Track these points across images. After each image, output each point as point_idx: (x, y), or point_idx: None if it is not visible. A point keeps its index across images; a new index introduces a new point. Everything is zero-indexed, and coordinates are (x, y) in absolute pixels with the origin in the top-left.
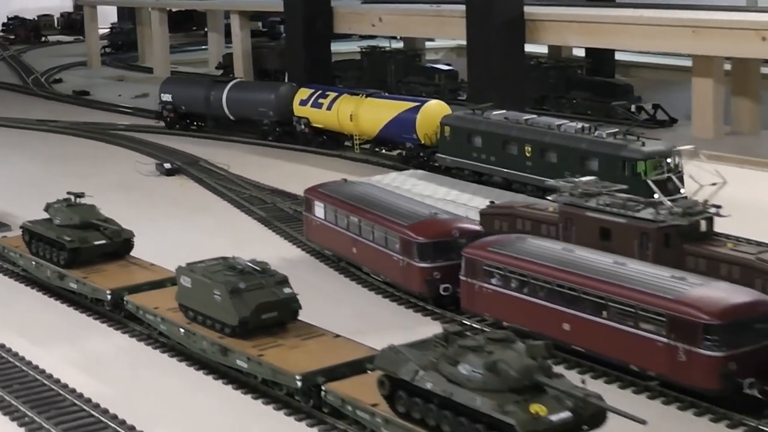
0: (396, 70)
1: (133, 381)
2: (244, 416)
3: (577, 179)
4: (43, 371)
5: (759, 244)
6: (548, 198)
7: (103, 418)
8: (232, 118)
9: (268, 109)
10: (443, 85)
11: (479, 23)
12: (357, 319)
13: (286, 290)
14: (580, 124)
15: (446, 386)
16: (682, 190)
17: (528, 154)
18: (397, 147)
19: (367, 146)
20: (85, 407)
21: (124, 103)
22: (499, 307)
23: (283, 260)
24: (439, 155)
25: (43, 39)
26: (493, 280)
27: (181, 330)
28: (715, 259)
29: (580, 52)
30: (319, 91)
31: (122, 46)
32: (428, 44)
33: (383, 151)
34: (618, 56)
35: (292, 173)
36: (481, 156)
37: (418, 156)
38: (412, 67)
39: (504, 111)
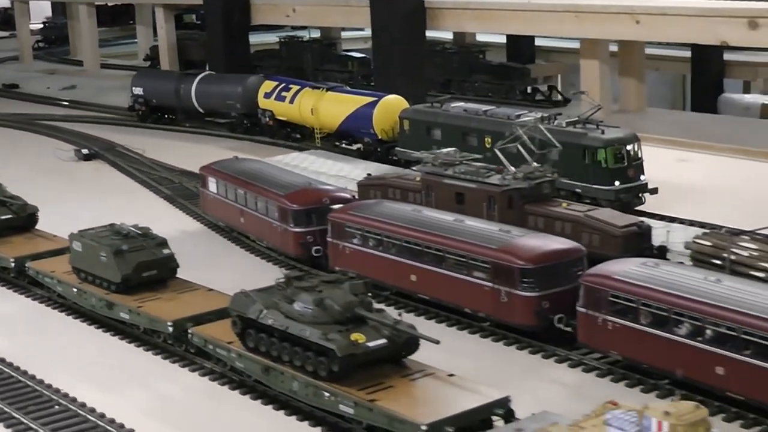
0: (312, 59)
1: (33, 337)
2: (127, 361)
3: (438, 151)
4: None
5: (590, 204)
6: (414, 168)
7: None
8: (201, 110)
9: (235, 102)
10: (356, 72)
11: (382, 12)
12: (239, 279)
13: (165, 251)
14: (539, 114)
15: (284, 321)
16: (642, 177)
17: (488, 146)
18: (356, 141)
19: (328, 140)
20: None
21: (51, 95)
22: (360, 263)
23: (182, 232)
24: (399, 149)
25: None
26: (354, 240)
27: (74, 289)
28: (551, 217)
29: (501, 39)
30: (283, 84)
31: (55, 40)
32: (351, 33)
33: (343, 144)
34: (539, 42)
35: (204, 155)
36: (441, 149)
37: (375, 151)
38: (327, 56)
39: (462, 103)
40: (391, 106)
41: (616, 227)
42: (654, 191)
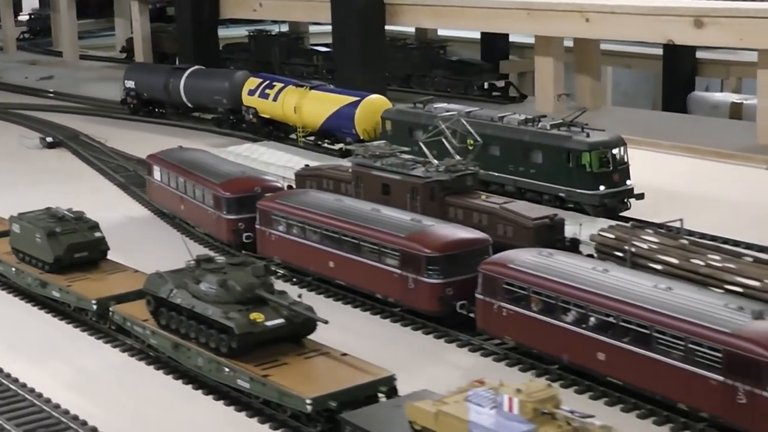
0: (280, 52)
1: None
2: (57, 337)
3: (369, 143)
4: None
5: (506, 197)
6: (347, 160)
7: None
8: (189, 105)
9: (222, 97)
10: (321, 66)
11: (341, 8)
12: (174, 263)
13: (96, 234)
14: (522, 116)
15: (190, 300)
16: (628, 182)
17: (470, 148)
18: (338, 141)
19: (312, 138)
20: None
21: (29, 85)
22: (284, 250)
23: (130, 218)
24: None
25: None
26: (279, 228)
27: (13, 269)
28: (469, 209)
29: (476, 35)
30: (267, 81)
31: (40, 31)
32: (318, 28)
33: (325, 144)
34: (513, 38)
35: (165, 146)
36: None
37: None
38: (294, 49)
39: (445, 104)
40: (374, 106)
41: (528, 219)
42: (640, 197)
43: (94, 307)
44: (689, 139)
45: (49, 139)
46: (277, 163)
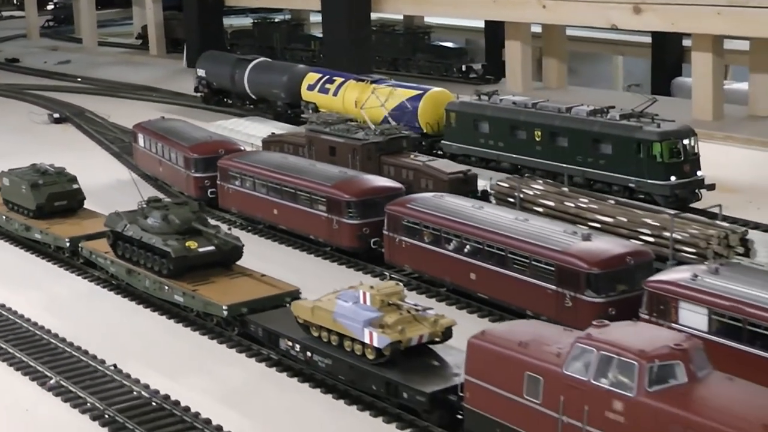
0: (280, 38)
1: None
2: (33, 271)
3: (321, 112)
4: None
5: (433, 156)
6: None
7: None
8: (253, 96)
9: (280, 91)
10: (318, 51)
11: None
12: None
13: (74, 186)
14: (590, 107)
15: (139, 233)
16: (698, 173)
17: (538, 139)
18: None
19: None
20: None
21: (48, 69)
22: (239, 202)
23: (117, 180)
24: (445, 142)
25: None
26: (236, 183)
27: (3, 217)
28: (400, 166)
29: (480, 24)
30: (327, 77)
31: (64, 20)
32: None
33: None
34: None
35: None
36: (488, 142)
37: (420, 145)
38: (294, 36)
39: (512, 96)
40: (437, 99)
41: (444, 173)
42: (711, 187)
43: (67, 244)
44: None
45: (56, 115)
46: (257, 134)
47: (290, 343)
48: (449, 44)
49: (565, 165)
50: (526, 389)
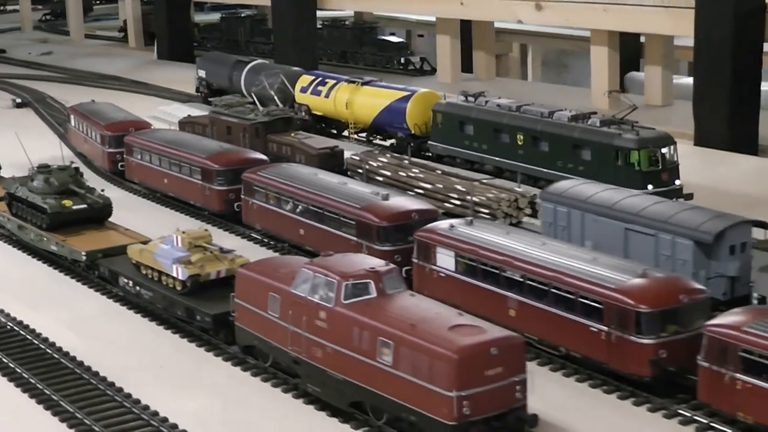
0: (245, 33)
1: None
2: None
3: (224, 96)
4: None
5: (310, 134)
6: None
7: None
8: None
9: (275, 93)
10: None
11: None
12: None
13: None
14: (572, 112)
15: (27, 193)
16: (677, 181)
17: (519, 143)
18: (390, 136)
19: (363, 135)
20: None
21: (31, 59)
22: (139, 173)
23: (53, 156)
24: (431, 143)
25: (1, 8)
26: (138, 156)
27: None
28: (281, 143)
29: None
30: (319, 79)
31: (61, 13)
32: None
33: (377, 140)
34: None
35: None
36: (473, 144)
37: (408, 146)
38: (257, 30)
39: (497, 99)
40: (425, 100)
41: (314, 149)
42: (689, 196)
43: None
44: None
45: (18, 101)
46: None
47: (125, 280)
48: (392, 38)
49: (546, 170)
50: (269, 306)
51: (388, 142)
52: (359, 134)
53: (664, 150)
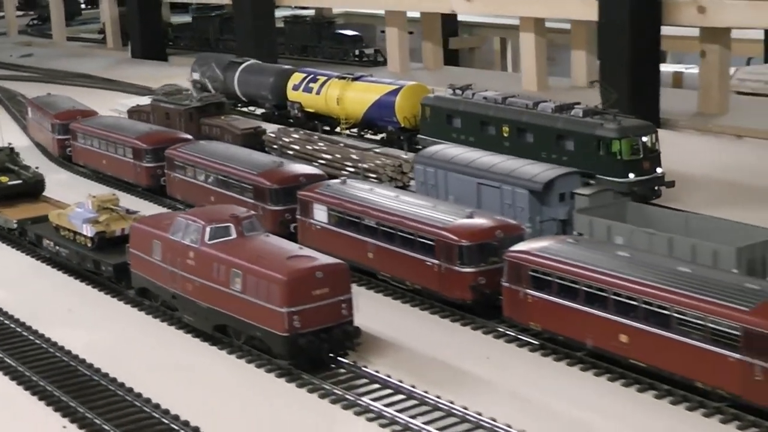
0: (214, 31)
1: None
2: None
3: (165, 85)
4: None
5: (237, 117)
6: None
7: None
8: (243, 99)
9: (267, 93)
10: None
11: None
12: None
13: None
14: (555, 103)
15: None
16: (658, 170)
17: (505, 135)
18: (381, 131)
19: (355, 130)
20: None
21: (11, 61)
22: (83, 156)
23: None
24: (420, 136)
25: None
26: (84, 141)
27: None
28: (212, 125)
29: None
30: (311, 76)
31: (47, 18)
32: None
33: (368, 134)
34: (461, 18)
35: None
36: (460, 137)
37: (398, 140)
38: (225, 27)
39: (485, 92)
40: (414, 94)
41: (238, 129)
42: (671, 184)
43: None
44: None
45: None
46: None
47: (47, 242)
48: (347, 32)
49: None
50: (153, 252)
51: (378, 137)
52: (351, 129)
53: (645, 139)
